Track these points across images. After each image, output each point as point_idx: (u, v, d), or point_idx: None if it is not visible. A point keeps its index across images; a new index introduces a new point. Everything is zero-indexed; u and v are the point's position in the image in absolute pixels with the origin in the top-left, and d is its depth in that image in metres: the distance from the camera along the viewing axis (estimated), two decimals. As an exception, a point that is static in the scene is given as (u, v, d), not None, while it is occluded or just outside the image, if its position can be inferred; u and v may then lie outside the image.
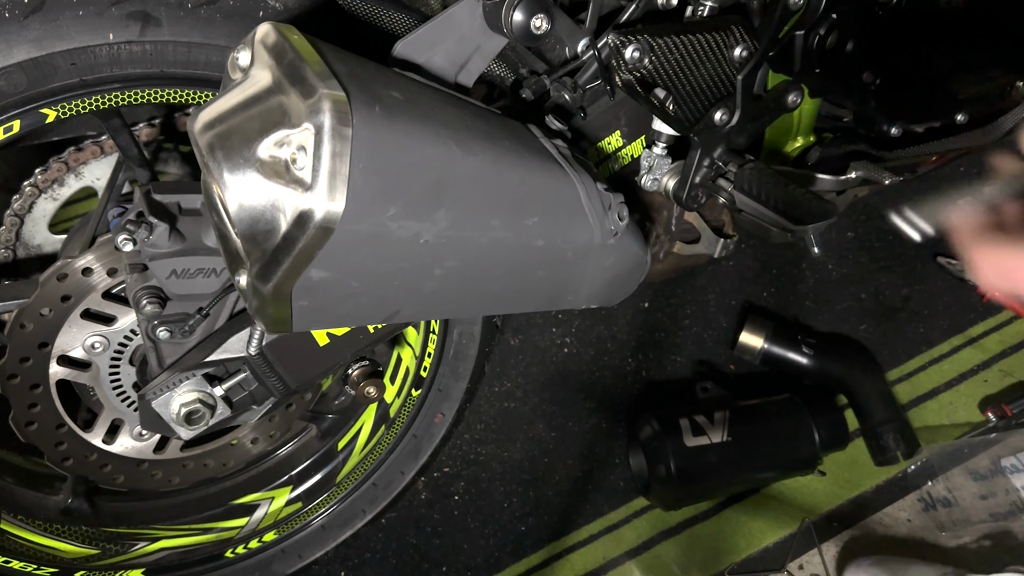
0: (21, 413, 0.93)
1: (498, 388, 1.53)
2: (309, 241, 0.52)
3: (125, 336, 0.93)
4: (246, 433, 1.09)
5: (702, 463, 1.36)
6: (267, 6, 0.81)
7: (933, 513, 1.45)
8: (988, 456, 1.45)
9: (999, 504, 1.41)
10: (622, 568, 1.39)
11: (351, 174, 0.51)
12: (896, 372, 1.62)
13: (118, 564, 1.07)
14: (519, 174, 0.64)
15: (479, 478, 1.45)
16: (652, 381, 1.58)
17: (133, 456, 1.02)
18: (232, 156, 0.54)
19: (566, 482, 1.46)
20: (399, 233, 0.57)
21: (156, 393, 0.85)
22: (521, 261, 0.67)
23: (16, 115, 0.78)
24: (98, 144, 1.08)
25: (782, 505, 1.45)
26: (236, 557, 1.17)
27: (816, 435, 1.42)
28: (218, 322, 0.88)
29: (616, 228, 0.71)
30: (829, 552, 1.40)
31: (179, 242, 0.82)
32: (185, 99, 0.85)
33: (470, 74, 0.74)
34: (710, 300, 1.67)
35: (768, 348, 1.55)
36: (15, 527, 0.99)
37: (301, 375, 0.89)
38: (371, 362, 1.00)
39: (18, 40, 0.73)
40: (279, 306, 0.56)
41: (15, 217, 1.11)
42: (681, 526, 1.43)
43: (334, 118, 0.50)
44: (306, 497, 1.21)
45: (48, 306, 0.88)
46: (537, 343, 1.58)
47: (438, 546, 1.38)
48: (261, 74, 0.57)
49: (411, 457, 1.24)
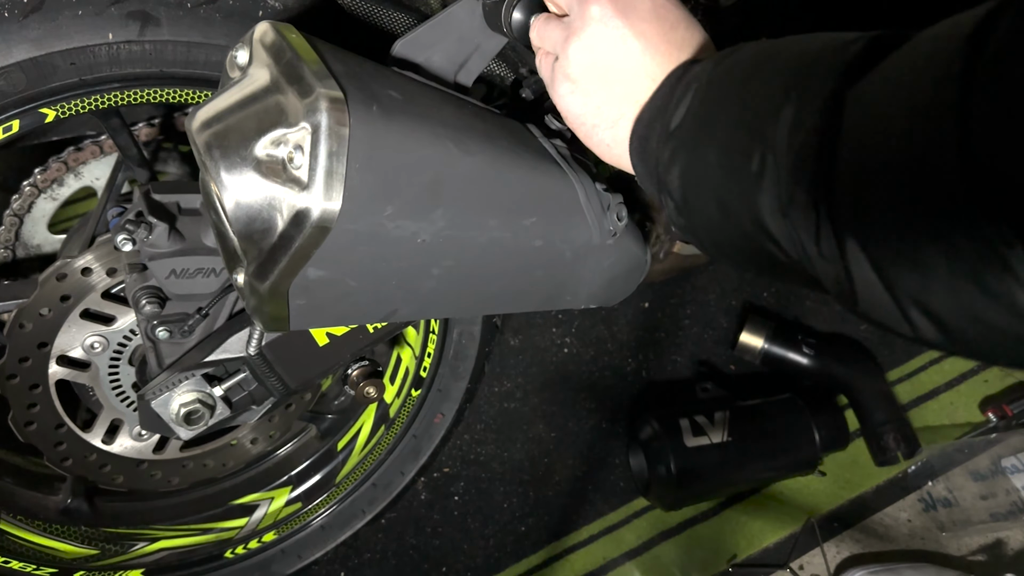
0: (20, 413, 0.93)
1: (498, 388, 1.53)
2: (306, 240, 0.52)
3: (124, 336, 0.93)
4: (246, 433, 1.09)
5: (702, 463, 1.36)
6: (266, 5, 0.81)
7: (933, 513, 1.45)
8: (988, 456, 1.45)
9: (999, 504, 1.41)
10: (622, 568, 1.38)
11: (348, 173, 0.51)
12: (896, 372, 1.62)
13: (118, 564, 1.07)
14: (518, 174, 0.64)
15: (479, 478, 1.45)
16: (652, 381, 1.58)
17: (132, 456, 1.02)
18: (229, 155, 0.54)
19: (566, 482, 1.46)
20: (396, 232, 0.56)
21: (155, 393, 0.85)
22: (519, 261, 0.67)
23: (15, 115, 0.78)
24: (97, 144, 1.08)
25: (782, 505, 1.45)
26: (236, 557, 1.17)
27: (816, 435, 1.41)
28: (217, 322, 0.88)
29: (615, 228, 0.71)
30: (829, 552, 1.40)
31: (178, 242, 0.82)
32: (184, 99, 0.85)
33: (469, 74, 0.74)
34: (710, 300, 1.67)
35: (768, 348, 1.55)
36: (15, 527, 0.99)
37: (300, 375, 0.89)
38: (371, 362, 1.00)
39: (17, 40, 0.73)
40: (276, 305, 0.56)
41: (14, 217, 1.11)
42: (681, 526, 1.43)
43: (331, 117, 0.50)
44: (306, 497, 1.21)
45: (47, 306, 0.88)
46: (537, 343, 1.58)
47: (438, 546, 1.38)
48: (259, 73, 0.57)
49: (411, 457, 1.24)
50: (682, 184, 0.52)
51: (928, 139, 0.32)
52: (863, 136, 0.37)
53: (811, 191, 0.39)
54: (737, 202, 0.46)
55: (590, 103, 0.59)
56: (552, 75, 0.61)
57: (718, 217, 0.49)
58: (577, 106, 0.59)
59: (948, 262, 0.32)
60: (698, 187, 0.50)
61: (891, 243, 0.35)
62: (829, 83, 0.40)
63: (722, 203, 0.48)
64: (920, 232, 0.33)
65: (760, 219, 0.44)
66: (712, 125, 0.49)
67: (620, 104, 0.57)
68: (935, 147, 0.32)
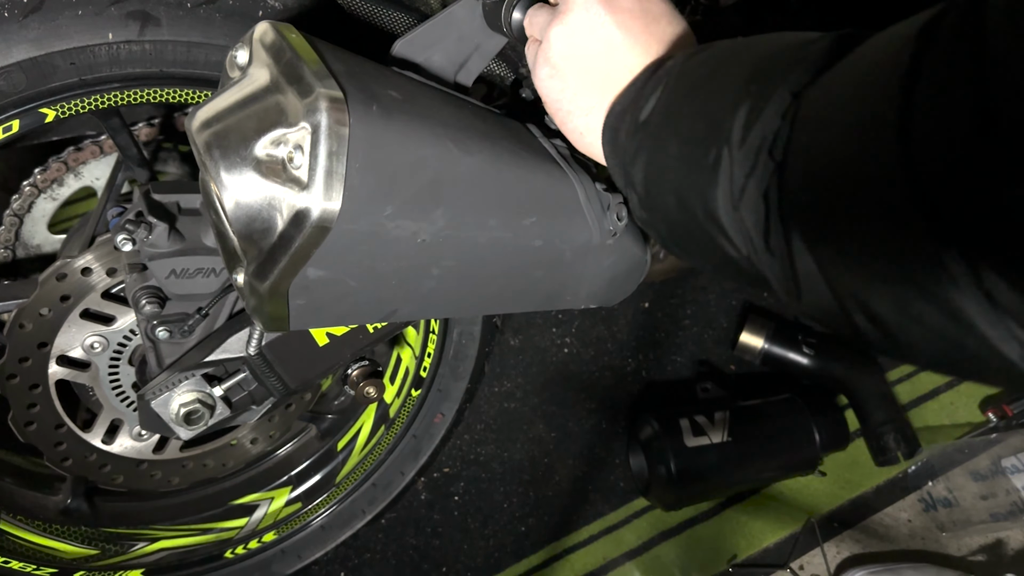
0: (20, 413, 0.93)
1: (498, 388, 1.53)
2: (306, 240, 0.52)
3: (124, 336, 0.93)
4: (245, 433, 1.09)
5: (702, 463, 1.36)
6: (266, 5, 0.81)
7: (934, 513, 1.45)
8: (989, 456, 1.45)
9: (1000, 504, 1.41)
10: (622, 568, 1.38)
11: (348, 173, 0.51)
12: (897, 372, 1.62)
13: (117, 564, 1.07)
14: (517, 173, 0.64)
15: (479, 478, 1.45)
16: (652, 381, 1.58)
17: (132, 456, 1.02)
18: (229, 155, 0.54)
19: (566, 482, 1.46)
20: (396, 232, 0.56)
21: (155, 393, 0.85)
22: (519, 261, 0.67)
23: (15, 115, 0.78)
24: (97, 144, 1.08)
25: (782, 505, 1.45)
26: (236, 557, 1.17)
27: (817, 435, 1.41)
28: (217, 322, 0.88)
29: (615, 228, 0.71)
30: (829, 552, 1.40)
31: (178, 242, 0.82)
32: (184, 99, 0.85)
33: (469, 73, 0.74)
34: (710, 300, 1.67)
35: (768, 348, 1.55)
36: (14, 527, 0.99)
37: (300, 375, 0.89)
38: (371, 362, 0.99)
39: (17, 40, 0.73)
40: (276, 304, 0.56)
41: (14, 217, 1.11)
42: (681, 527, 1.43)
43: (331, 117, 0.50)
44: (306, 497, 1.21)
45: (47, 306, 0.88)
46: (537, 343, 1.58)
47: (438, 546, 1.38)
48: (259, 73, 0.57)
49: (411, 457, 1.24)
50: (645, 176, 0.52)
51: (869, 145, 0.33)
52: (811, 137, 0.37)
53: (761, 186, 0.40)
54: (693, 195, 0.47)
55: (567, 89, 0.59)
56: (535, 59, 0.61)
57: (676, 210, 0.50)
58: (555, 91, 0.60)
59: (888, 264, 0.33)
60: (659, 179, 0.51)
61: (834, 242, 0.36)
62: (786, 82, 0.40)
63: (680, 196, 0.49)
64: (862, 234, 0.34)
65: (714, 212, 0.45)
66: (676, 118, 0.49)
67: (596, 93, 0.58)
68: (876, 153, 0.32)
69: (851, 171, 0.34)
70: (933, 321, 0.32)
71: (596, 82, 0.57)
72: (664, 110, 0.51)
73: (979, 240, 0.28)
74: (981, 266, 0.28)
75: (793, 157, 0.38)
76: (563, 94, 0.59)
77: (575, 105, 0.59)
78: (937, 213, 0.29)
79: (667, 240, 0.55)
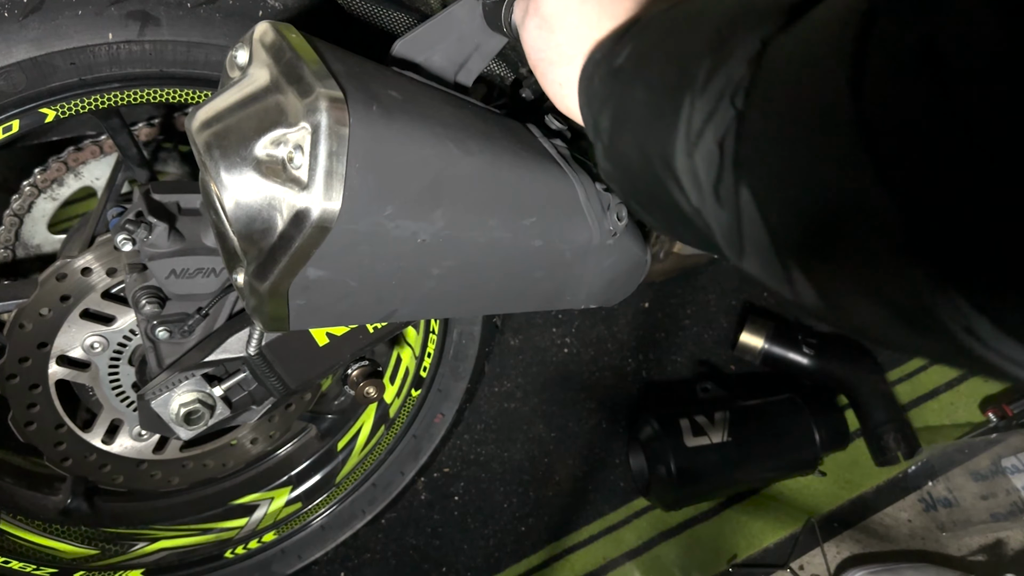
0: (20, 413, 0.93)
1: (498, 388, 1.53)
2: (306, 240, 0.52)
3: (124, 336, 0.93)
4: (245, 433, 1.09)
5: (702, 463, 1.36)
6: (266, 5, 0.81)
7: (934, 513, 1.45)
8: (989, 456, 1.45)
9: (1000, 504, 1.41)
10: (622, 568, 1.38)
11: (348, 173, 0.51)
12: (897, 372, 1.62)
13: (117, 564, 1.07)
14: (517, 174, 0.64)
15: (479, 478, 1.45)
16: (652, 381, 1.58)
17: (132, 456, 1.02)
18: (229, 155, 0.54)
19: (566, 482, 1.46)
20: (396, 232, 0.56)
21: (155, 393, 0.85)
22: (519, 261, 0.67)
23: (15, 115, 0.78)
24: (97, 144, 1.08)
25: (782, 505, 1.45)
26: (236, 557, 1.17)
27: (817, 435, 1.41)
28: (217, 322, 0.88)
29: (615, 228, 0.71)
30: (829, 552, 1.40)
31: (178, 242, 0.82)
32: (184, 99, 0.85)
33: (469, 73, 0.74)
34: (710, 300, 1.67)
35: (769, 348, 1.55)
36: (14, 527, 0.99)
37: (300, 375, 0.89)
38: (371, 362, 1.00)
39: (17, 40, 0.73)
40: (276, 304, 0.56)
41: (14, 217, 1.11)
42: (681, 527, 1.43)
43: (331, 117, 0.50)
44: (306, 497, 1.21)
45: (47, 306, 0.88)
46: (537, 343, 1.58)
47: (438, 546, 1.38)
48: (259, 73, 0.56)
49: (411, 457, 1.24)
50: (611, 124, 0.51)
51: (822, 95, 0.32)
52: (770, 88, 0.36)
53: (718, 133, 0.39)
54: (653, 141, 0.46)
55: (552, 40, 0.58)
56: (524, 14, 0.61)
57: (637, 159, 0.49)
58: (540, 41, 0.59)
59: (837, 219, 0.32)
60: (623, 126, 0.50)
61: (780, 195, 0.35)
62: (756, 30, 0.39)
63: (640, 143, 0.48)
64: (810, 190, 0.33)
65: (670, 160, 0.44)
66: (647, 63, 0.48)
67: (580, 42, 0.57)
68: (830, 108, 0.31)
69: (803, 124, 0.33)
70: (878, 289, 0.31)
71: (582, 33, 0.57)
72: (636, 56, 0.50)
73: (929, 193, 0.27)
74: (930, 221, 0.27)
75: (751, 106, 0.37)
76: (548, 44, 0.59)
77: (558, 55, 0.58)
78: (889, 174, 0.28)
79: (627, 194, 0.54)
